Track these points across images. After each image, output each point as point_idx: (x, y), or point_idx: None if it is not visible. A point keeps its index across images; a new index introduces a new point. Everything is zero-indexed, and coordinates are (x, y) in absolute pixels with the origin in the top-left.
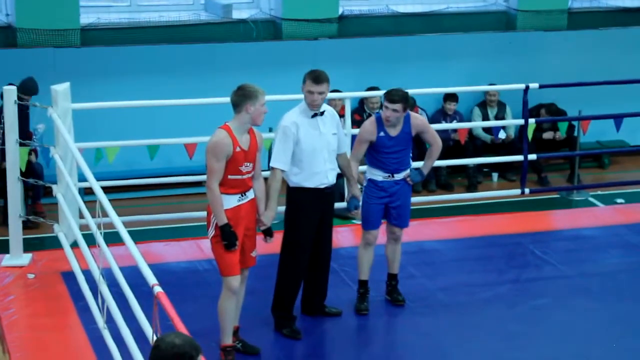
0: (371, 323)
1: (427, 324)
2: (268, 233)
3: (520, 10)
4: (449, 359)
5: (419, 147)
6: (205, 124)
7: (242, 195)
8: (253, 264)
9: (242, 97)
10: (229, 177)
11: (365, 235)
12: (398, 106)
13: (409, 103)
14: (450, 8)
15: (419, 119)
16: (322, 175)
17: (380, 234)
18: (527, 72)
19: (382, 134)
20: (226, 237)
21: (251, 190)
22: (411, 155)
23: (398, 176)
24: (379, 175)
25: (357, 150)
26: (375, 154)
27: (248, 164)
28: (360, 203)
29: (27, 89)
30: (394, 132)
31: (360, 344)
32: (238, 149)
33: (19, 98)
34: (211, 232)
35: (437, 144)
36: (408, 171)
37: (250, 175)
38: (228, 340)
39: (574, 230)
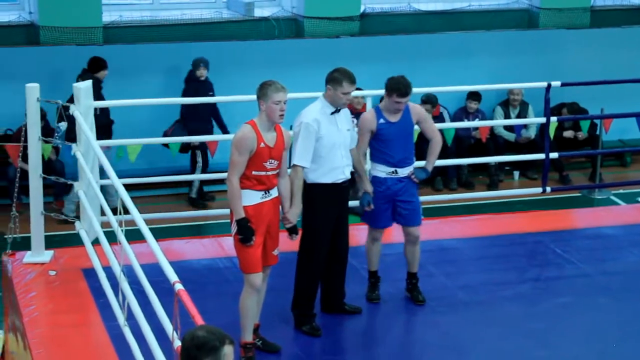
0: (391, 321)
1: (447, 323)
2: (293, 230)
3: (543, 8)
4: (468, 358)
5: (420, 148)
6: (228, 122)
7: (266, 193)
8: (275, 262)
9: (257, 94)
10: (253, 172)
11: (372, 231)
12: (409, 97)
13: None
14: (472, 6)
15: (417, 107)
16: (339, 171)
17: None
18: (549, 70)
19: (382, 121)
20: (242, 231)
21: (275, 189)
22: (414, 152)
23: (402, 172)
24: (382, 172)
25: (360, 142)
26: (378, 145)
27: (273, 161)
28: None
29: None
30: (394, 119)
31: (379, 342)
32: (262, 145)
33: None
34: (234, 228)
35: (436, 137)
36: (412, 169)
37: (275, 172)
38: (248, 337)
39: (595, 229)
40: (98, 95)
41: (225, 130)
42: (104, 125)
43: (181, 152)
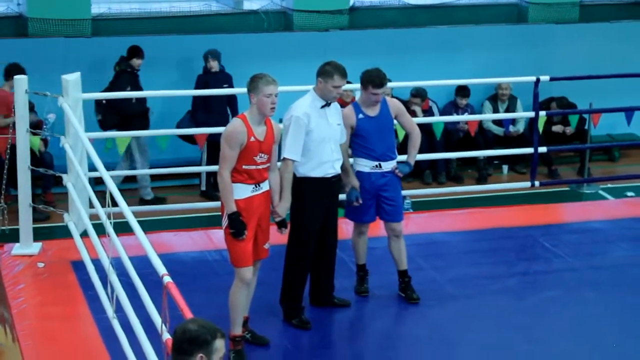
0: (380, 314)
1: (435, 316)
2: (282, 224)
3: (532, 2)
4: (457, 351)
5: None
6: None
7: (257, 187)
8: (266, 256)
9: (248, 87)
10: (244, 166)
11: (357, 225)
12: (386, 87)
13: None
14: (462, 0)
15: (395, 101)
16: (329, 165)
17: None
18: (538, 65)
19: (361, 116)
20: (234, 225)
21: (266, 182)
22: (396, 145)
23: (385, 166)
24: (366, 166)
25: None
26: (359, 140)
27: (263, 155)
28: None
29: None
30: (372, 112)
31: (368, 335)
32: (252, 139)
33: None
34: (224, 222)
35: (415, 130)
36: (395, 163)
37: (265, 166)
38: (238, 330)
39: (583, 223)
40: (135, 84)
41: None
42: (141, 113)
43: (193, 143)
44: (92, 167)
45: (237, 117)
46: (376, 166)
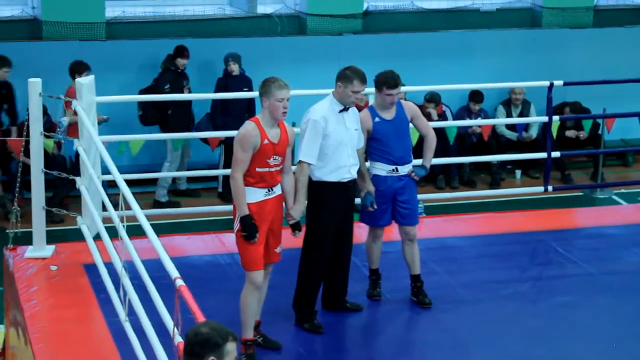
0: (392, 319)
1: (449, 320)
2: (296, 227)
3: (546, 7)
4: (469, 356)
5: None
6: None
7: (269, 191)
8: (277, 260)
9: (260, 91)
10: (257, 169)
11: (372, 229)
12: (400, 88)
13: None
14: (475, 4)
15: (410, 104)
16: (345, 170)
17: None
18: (551, 70)
19: (377, 119)
20: (246, 228)
21: (278, 186)
22: (412, 147)
23: (402, 170)
24: (383, 170)
25: None
26: (376, 143)
27: (277, 157)
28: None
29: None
30: (388, 116)
31: (380, 339)
32: (266, 142)
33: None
34: (236, 225)
35: (430, 133)
36: (411, 167)
37: (278, 169)
38: (249, 334)
39: (597, 228)
40: (176, 83)
41: None
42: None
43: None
44: (105, 171)
45: (250, 120)
46: (393, 170)
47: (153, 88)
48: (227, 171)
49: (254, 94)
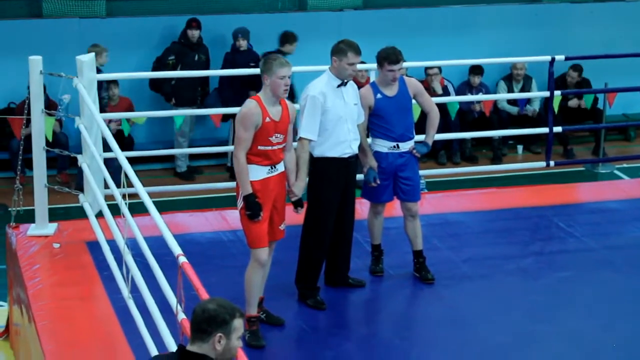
0: (395, 294)
1: (450, 296)
2: (299, 204)
3: None
4: (472, 331)
5: (421, 124)
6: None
7: (272, 168)
8: (282, 237)
9: (260, 68)
10: (259, 147)
11: (374, 205)
12: (402, 64)
13: None
14: None
15: (413, 80)
16: (345, 145)
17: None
18: (553, 44)
19: (379, 96)
20: (250, 207)
21: (281, 163)
22: (414, 126)
23: (403, 146)
24: (384, 147)
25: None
26: (378, 120)
27: (279, 135)
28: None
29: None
30: (390, 92)
31: (383, 315)
32: (267, 120)
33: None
34: (239, 203)
35: (433, 110)
36: (413, 143)
37: (281, 146)
38: (253, 310)
39: (598, 203)
40: (181, 55)
41: None
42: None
43: (222, 121)
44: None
45: (250, 99)
46: (394, 147)
47: (160, 60)
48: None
49: (244, 71)
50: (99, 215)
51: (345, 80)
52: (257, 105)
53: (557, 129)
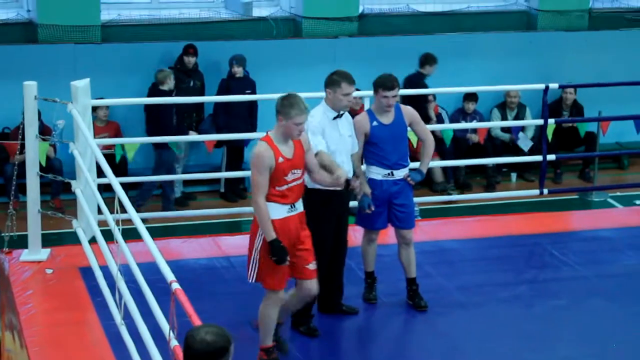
0: (388, 322)
1: (444, 324)
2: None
3: (541, 10)
4: (465, 359)
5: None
6: None
7: (292, 207)
8: (313, 277)
9: (278, 107)
10: (276, 188)
11: (367, 232)
12: (397, 90)
13: None
14: (471, 7)
15: (409, 109)
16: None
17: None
18: (547, 73)
19: (375, 123)
20: (275, 252)
21: (300, 202)
22: (408, 153)
23: (398, 174)
24: (378, 174)
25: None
26: (372, 147)
27: (295, 171)
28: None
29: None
30: (386, 120)
31: (377, 343)
32: (281, 160)
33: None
34: (258, 243)
35: (429, 139)
36: (407, 171)
37: (299, 182)
38: (269, 341)
39: (592, 231)
40: (178, 82)
41: (253, 129)
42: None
43: (215, 147)
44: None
45: (261, 140)
46: (388, 174)
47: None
48: (227, 174)
49: (255, 97)
50: (93, 241)
51: (341, 112)
52: (268, 148)
53: (551, 157)
